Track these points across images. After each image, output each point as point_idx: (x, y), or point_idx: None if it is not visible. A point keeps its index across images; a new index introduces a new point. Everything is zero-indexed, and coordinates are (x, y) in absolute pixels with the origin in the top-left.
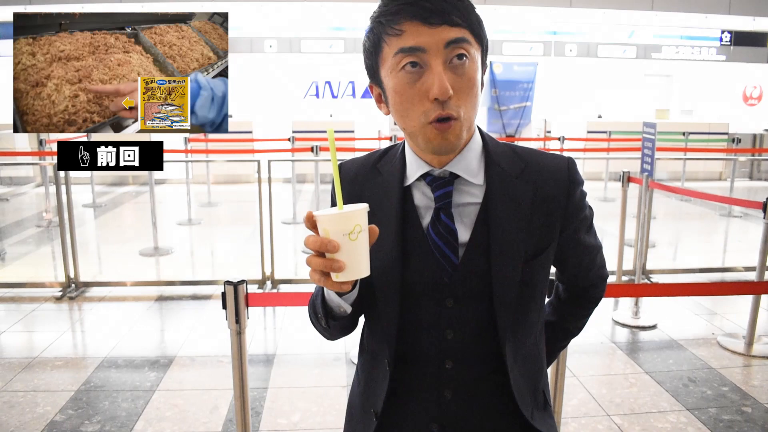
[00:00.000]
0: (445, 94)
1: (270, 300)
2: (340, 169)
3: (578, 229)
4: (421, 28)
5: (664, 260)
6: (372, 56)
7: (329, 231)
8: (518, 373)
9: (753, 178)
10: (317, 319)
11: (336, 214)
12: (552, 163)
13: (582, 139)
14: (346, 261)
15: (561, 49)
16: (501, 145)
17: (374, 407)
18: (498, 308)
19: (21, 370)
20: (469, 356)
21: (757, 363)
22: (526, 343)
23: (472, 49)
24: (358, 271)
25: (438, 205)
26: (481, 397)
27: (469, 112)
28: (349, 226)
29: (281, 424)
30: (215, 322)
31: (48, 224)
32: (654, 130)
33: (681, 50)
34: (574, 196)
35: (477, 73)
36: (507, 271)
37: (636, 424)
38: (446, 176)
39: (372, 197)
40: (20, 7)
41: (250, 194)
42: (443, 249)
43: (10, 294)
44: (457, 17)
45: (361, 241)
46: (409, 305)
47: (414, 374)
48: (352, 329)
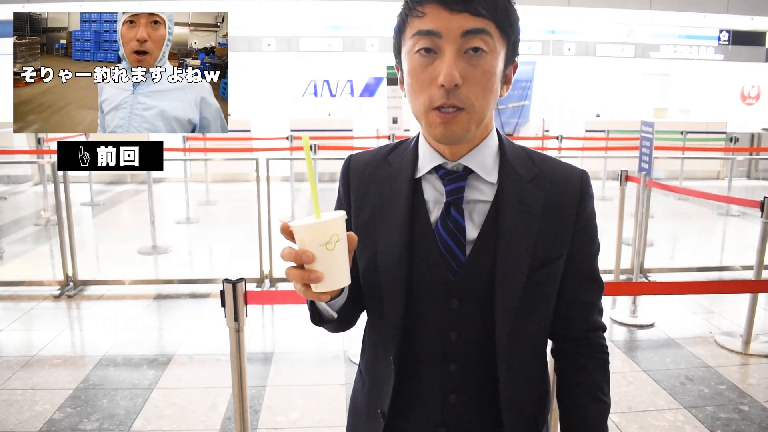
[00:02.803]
0: (450, 82)
1: (268, 298)
2: (350, 161)
3: (584, 245)
4: (442, 13)
5: (661, 259)
6: (397, 36)
7: (306, 242)
8: (510, 391)
9: (751, 177)
10: (312, 318)
11: (311, 224)
12: (565, 173)
13: (580, 138)
14: (324, 271)
15: (559, 48)
16: (517, 147)
17: (381, 408)
18: (498, 310)
19: (19, 369)
20: (474, 360)
21: (755, 361)
22: (522, 356)
23: (494, 42)
24: (338, 280)
25: (449, 199)
26: (487, 402)
27: (481, 105)
28: (325, 236)
29: (280, 422)
30: (214, 320)
31: (46, 223)
32: (652, 129)
33: (679, 49)
34: (586, 209)
35: (495, 68)
36: (511, 274)
37: (633, 422)
38: (459, 170)
39: (381, 189)
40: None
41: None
42: (450, 245)
43: (9, 292)
44: (482, 8)
45: (339, 250)
46: (414, 302)
47: (419, 376)
48: (352, 323)
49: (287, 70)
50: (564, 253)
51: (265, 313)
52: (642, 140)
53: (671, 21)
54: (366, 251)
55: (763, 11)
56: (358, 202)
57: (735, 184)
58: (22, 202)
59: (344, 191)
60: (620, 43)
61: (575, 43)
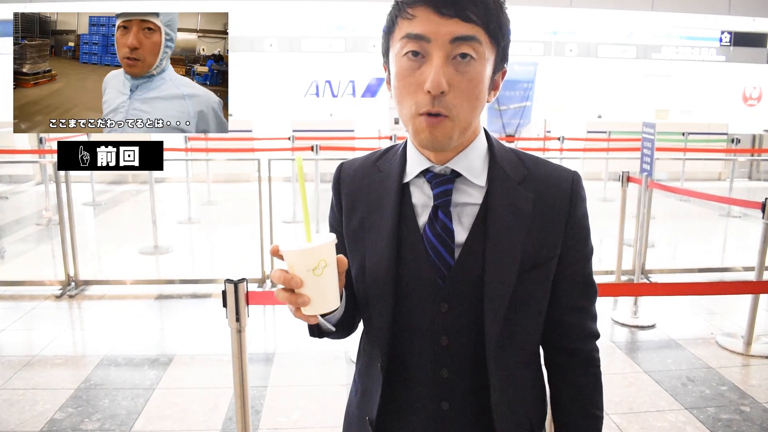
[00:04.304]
0: (436, 89)
1: (270, 298)
2: (341, 168)
3: (576, 248)
4: (432, 17)
5: (663, 260)
6: (385, 36)
7: (294, 266)
8: (503, 397)
9: (752, 179)
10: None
11: (299, 251)
12: (556, 174)
13: (582, 138)
14: (311, 296)
15: (561, 49)
16: (506, 149)
17: (369, 416)
18: (487, 313)
19: (21, 368)
20: (465, 366)
21: (756, 362)
22: (514, 361)
23: (483, 49)
24: (324, 305)
25: (437, 202)
26: (480, 411)
27: (465, 113)
28: (313, 262)
29: (281, 422)
30: (215, 320)
31: (47, 222)
32: (653, 130)
33: (681, 50)
34: (577, 211)
35: (483, 75)
36: (501, 277)
37: (635, 423)
38: (447, 174)
39: (370, 194)
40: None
41: (250, 193)
42: (439, 249)
43: (10, 292)
44: (473, 14)
45: (327, 275)
46: (403, 308)
47: (410, 383)
48: (354, 329)
49: (289, 70)
50: (555, 256)
51: (266, 313)
52: (643, 141)
53: (673, 22)
54: (357, 257)
55: (765, 12)
56: (348, 208)
57: (736, 185)
58: (24, 202)
59: (336, 199)
60: (622, 44)
61: (577, 44)
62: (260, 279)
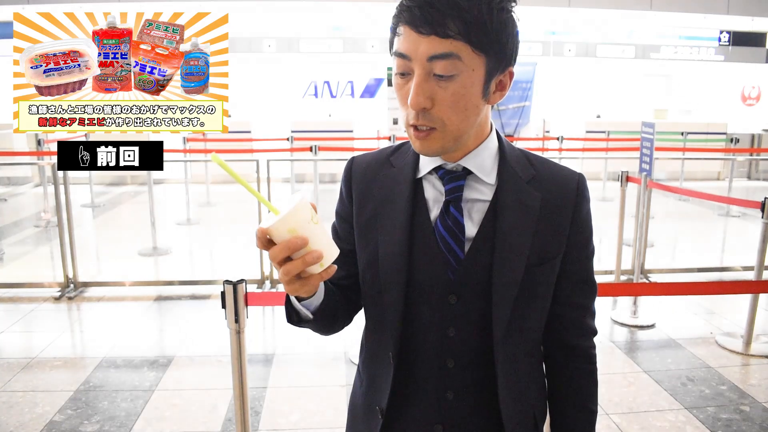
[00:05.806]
0: (415, 107)
1: (269, 299)
2: (353, 161)
3: (579, 247)
4: (411, 35)
5: (662, 260)
6: (390, 47)
7: (296, 228)
8: (508, 388)
9: (751, 178)
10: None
11: (294, 207)
12: (562, 175)
13: (581, 138)
14: (321, 246)
15: (560, 49)
16: (516, 150)
17: (379, 404)
18: (494, 306)
19: (20, 371)
20: (471, 357)
21: (755, 362)
22: (519, 353)
23: (463, 63)
24: (331, 251)
25: (448, 197)
26: (484, 400)
27: (455, 123)
28: (307, 213)
29: (280, 423)
30: (214, 321)
31: (46, 224)
32: (652, 130)
33: (679, 50)
34: (581, 211)
35: (468, 87)
36: (509, 271)
37: (635, 423)
38: (459, 170)
39: (383, 188)
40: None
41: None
42: (449, 242)
43: (9, 294)
44: (451, 29)
45: (320, 222)
46: (413, 299)
47: (417, 372)
48: (336, 327)
49: (288, 71)
50: (560, 253)
51: (265, 314)
52: (642, 141)
53: (672, 22)
54: (367, 249)
55: (764, 12)
56: (359, 201)
57: (735, 185)
58: (23, 204)
59: (346, 191)
60: (621, 44)
61: (576, 44)
62: (259, 280)
